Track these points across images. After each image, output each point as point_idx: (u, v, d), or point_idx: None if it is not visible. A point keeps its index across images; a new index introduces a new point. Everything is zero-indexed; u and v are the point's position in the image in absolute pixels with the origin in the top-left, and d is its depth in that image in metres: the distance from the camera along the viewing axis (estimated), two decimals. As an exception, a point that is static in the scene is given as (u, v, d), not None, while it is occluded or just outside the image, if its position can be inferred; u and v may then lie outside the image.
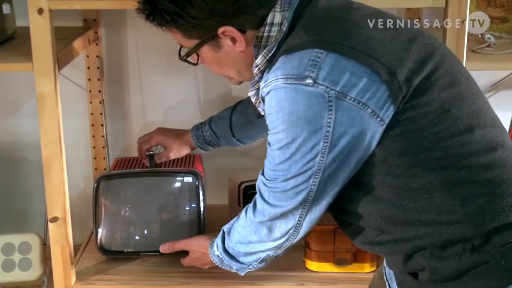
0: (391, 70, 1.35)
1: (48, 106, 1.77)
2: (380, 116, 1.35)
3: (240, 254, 1.65)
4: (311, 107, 1.34)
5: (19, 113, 2.43)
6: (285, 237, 1.53)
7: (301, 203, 1.45)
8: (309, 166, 1.40)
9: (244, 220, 1.60)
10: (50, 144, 1.80)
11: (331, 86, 1.33)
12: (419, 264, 1.45)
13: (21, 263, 2.05)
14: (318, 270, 1.97)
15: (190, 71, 2.38)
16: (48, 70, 1.75)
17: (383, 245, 1.49)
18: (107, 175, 2.03)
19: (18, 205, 2.51)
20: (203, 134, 2.07)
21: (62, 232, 1.87)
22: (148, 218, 2.03)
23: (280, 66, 1.38)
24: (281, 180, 1.44)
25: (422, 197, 1.40)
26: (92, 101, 2.37)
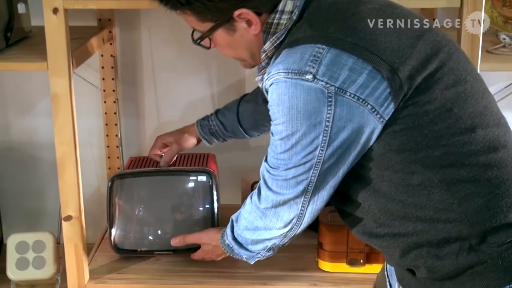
0: (393, 68, 1.34)
1: (63, 105, 1.78)
2: (380, 112, 1.36)
3: (248, 241, 1.65)
4: (310, 102, 1.35)
5: (33, 112, 2.43)
6: (289, 226, 1.54)
7: (302, 193, 1.46)
8: (308, 158, 1.41)
9: (250, 206, 1.60)
10: (64, 143, 1.80)
11: (331, 82, 1.34)
12: (415, 262, 1.45)
13: (35, 261, 2.04)
14: (331, 270, 1.97)
15: (204, 70, 2.38)
16: (62, 69, 1.75)
17: (380, 238, 1.49)
18: (121, 174, 2.03)
19: (32, 204, 2.51)
20: (208, 124, 2.07)
21: (76, 230, 1.87)
22: (162, 217, 2.03)
23: (282, 60, 1.38)
24: (283, 169, 1.45)
25: (421, 193, 1.40)
26: (106, 100, 2.37)
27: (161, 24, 2.34)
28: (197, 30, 1.57)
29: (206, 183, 2.00)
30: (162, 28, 2.35)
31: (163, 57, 2.38)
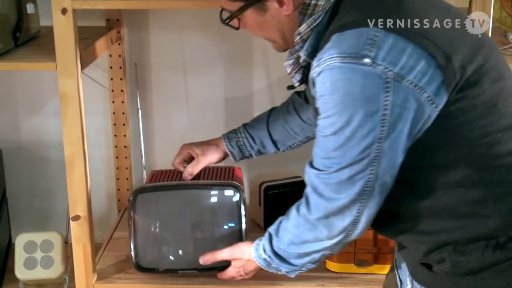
0: (447, 55, 1.29)
1: (71, 105, 1.77)
2: (436, 102, 1.30)
3: (292, 255, 1.57)
4: (367, 88, 1.28)
5: (42, 112, 2.43)
6: (342, 234, 1.45)
7: (358, 195, 1.37)
8: (366, 154, 1.32)
9: (297, 218, 1.51)
10: (72, 143, 1.80)
11: (390, 67, 1.27)
12: (439, 257, 1.42)
13: (43, 261, 2.05)
14: (338, 271, 1.96)
15: (213, 70, 2.38)
16: (71, 69, 1.75)
17: (407, 234, 1.47)
18: (144, 188, 1.93)
19: (41, 204, 2.52)
20: (236, 136, 1.96)
21: (84, 230, 1.87)
22: (187, 234, 1.91)
23: (335, 44, 1.31)
24: (335, 169, 1.36)
25: (458, 191, 1.37)
26: (114, 100, 2.37)
27: (169, 24, 2.34)
28: (226, 9, 1.51)
29: (233, 197, 1.89)
30: (170, 28, 2.35)
31: (171, 57, 2.38)
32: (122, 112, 2.37)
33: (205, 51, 2.36)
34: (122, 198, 2.45)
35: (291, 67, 1.53)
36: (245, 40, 2.33)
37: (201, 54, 2.36)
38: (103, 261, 2.05)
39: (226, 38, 2.34)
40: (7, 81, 2.40)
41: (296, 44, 1.47)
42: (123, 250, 2.04)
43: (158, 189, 1.93)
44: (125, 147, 2.40)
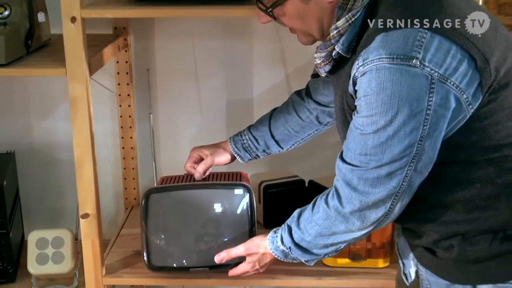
0: (486, 57, 1.29)
1: (80, 109, 1.79)
2: (472, 103, 1.30)
3: (317, 246, 1.54)
4: (414, 89, 1.26)
5: (53, 115, 2.45)
6: (373, 226, 1.44)
7: (394, 189, 1.36)
8: (407, 152, 1.31)
9: (327, 211, 1.48)
10: (82, 145, 1.81)
11: (435, 69, 1.26)
12: (448, 244, 1.44)
13: (54, 256, 2.06)
14: (334, 265, 1.98)
15: (216, 76, 2.40)
16: (80, 75, 1.76)
17: (419, 223, 1.48)
18: (155, 188, 1.93)
19: (52, 202, 2.53)
20: (241, 139, 1.96)
21: (93, 227, 1.88)
22: (198, 233, 1.91)
23: (383, 45, 1.28)
24: (374, 166, 1.35)
25: (474, 187, 1.38)
26: (121, 104, 2.38)
27: (174, 32, 2.36)
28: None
29: (243, 197, 1.88)
30: (174, 35, 2.36)
31: (176, 63, 2.40)
32: (128, 115, 2.39)
33: (209, 57, 2.38)
34: (129, 197, 2.48)
35: (322, 59, 1.50)
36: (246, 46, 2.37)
37: (205, 60, 2.38)
38: (111, 256, 2.08)
39: (229, 45, 2.37)
40: (20, 87, 2.42)
41: (332, 38, 1.43)
42: (130, 246, 2.06)
43: (170, 189, 1.92)
44: (132, 148, 2.43)
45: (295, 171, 2.30)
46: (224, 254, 1.79)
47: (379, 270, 1.97)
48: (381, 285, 1.96)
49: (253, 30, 2.35)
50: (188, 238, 1.91)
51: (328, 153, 2.40)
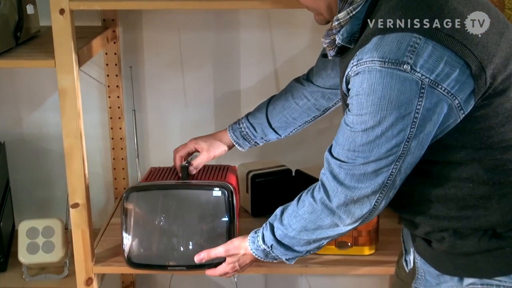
0: (482, 65, 1.28)
1: (69, 100, 1.77)
2: (464, 108, 1.30)
3: (299, 242, 1.55)
4: (403, 92, 1.27)
5: (42, 107, 2.43)
6: (358, 222, 1.45)
7: (380, 186, 1.37)
8: (393, 152, 1.33)
9: (313, 205, 1.48)
10: (71, 136, 1.80)
11: (426, 74, 1.26)
12: (440, 236, 1.45)
13: (44, 246, 2.05)
14: (320, 253, 1.95)
15: (203, 67, 2.38)
16: (69, 66, 1.75)
17: (412, 214, 1.49)
18: (136, 187, 1.90)
19: (42, 192, 2.51)
20: (239, 127, 1.95)
21: (83, 217, 1.87)
22: (176, 232, 1.88)
23: (377, 47, 1.29)
24: (361, 162, 1.36)
25: (466, 186, 1.38)
26: (110, 96, 2.36)
27: (161, 24, 2.34)
28: None
29: (222, 198, 1.84)
30: (162, 27, 2.35)
31: (164, 55, 2.38)
32: (118, 106, 2.37)
33: (196, 49, 2.37)
34: (118, 186, 2.46)
35: (327, 44, 1.50)
36: (234, 39, 2.35)
37: (192, 52, 2.37)
38: (101, 245, 2.06)
39: (217, 37, 2.35)
40: (9, 78, 2.40)
41: (334, 28, 1.44)
42: (120, 236, 2.05)
43: (150, 188, 1.90)
44: (121, 139, 2.41)
45: (283, 161, 2.29)
46: (204, 254, 1.76)
47: (365, 257, 1.96)
48: (367, 272, 1.96)
49: (241, 22, 2.33)
50: (166, 237, 1.89)
51: (314, 143, 2.40)
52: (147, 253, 1.91)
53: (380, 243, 1.99)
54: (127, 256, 1.89)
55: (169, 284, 2.56)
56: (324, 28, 1.53)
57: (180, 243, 1.88)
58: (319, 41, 1.55)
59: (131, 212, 1.87)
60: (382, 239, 2.00)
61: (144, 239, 1.90)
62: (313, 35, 2.31)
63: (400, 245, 1.69)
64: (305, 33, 2.31)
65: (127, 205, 1.86)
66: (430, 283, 1.53)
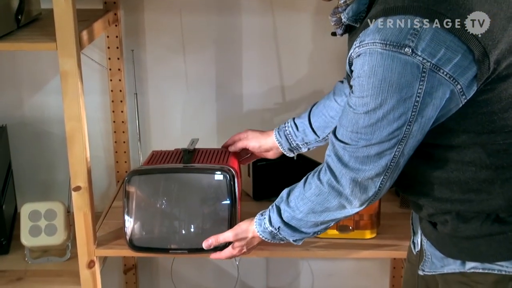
0: (486, 51, 1.27)
1: (71, 83, 1.76)
2: (465, 93, 1.30)
3: (307, 224, 1.56)
4: (404, 76, 1.27)
5: (44, 90, 2.42)
6: (366, 203, 1.46)
7: (383, 168, 1.38)
8: (395, 135, 1.33)
9: (320, 187, 1.49)
10: (73, 119, 1.79)
11: (428, 58, 1.25)
12: (443, 219, 1.45)
13: (47, 228, 2.05)
14: (322, 236, 1.93)
15: (205, 50, 2.37)
16: (70, 49, 1.74)
17: (415, 195, 1.49)
18: (138, 170, 1.88)
19: (44, 176, 2.51)
20: (284, 126, 1.93)
21: (85, 200, 1.87)
22: (178, 216, 1.88)
23: (379, 29, 1.28)
24: (363, 144, 1.36)
25: (469, 170, 1.38)
26: (112, 79, 2.36)
27: (163, 6, 2.33)
28: None
29: (224, 182, 1.83)
30: (164, 10, 2.33)
31: (165, 37, 2.37)
32: (119, 89, 2.36)
33: (199, 32, 2.35)
34: (120, 170, 2.46)
35: (334, 22, 1.50)
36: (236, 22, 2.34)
37: (194, 35, 2.35)
38: (103, 228, 2.06)
39: (219, 20, 2.33)
40: (10, 61, 2.39)
41: (340, 7, 1.44)
42: (122, 219, 2.05)
43: (152, 172, 1.89)
44: (123, 122, 2.40)
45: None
46: (212, 240, 1.76)
47: (366, 241, 1.96)
48: (368, 255, 1.96)
49: (243, 5, 2.31)
50: (168, 221, 1.89)
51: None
52: (148, 236, 1.91)
53: (381, 227, 1.99)
54: (129, 239, 1.89)
55: (171, 267, 2.57)
56: (327, 11, 1.52)
57: (181, 226, 1.88)
58: (321, 25, 1.55)
59: (133, 196, 1.87)
60: (383, 223, 2.00)
61: (146, 223, 1.90)
62: (315, 19, 2.29)
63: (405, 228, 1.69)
64: (307, 16, 2.30)
65: (129, 188, 1.86)
66: (435, 266, 1.53)
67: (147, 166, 1.92)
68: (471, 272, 1.45)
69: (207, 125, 2.43)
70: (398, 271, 2.56)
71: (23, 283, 2.00)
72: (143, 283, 2.69)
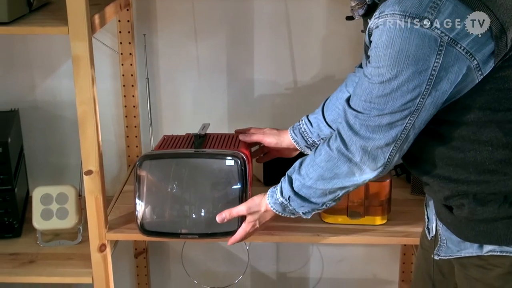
0: (504, 27, 1.28)
1: (83, 67, 1.76)
2: (482, 70, 1.30)
3: (316, 193, 1.57)
4: (422, 48, 1.28)
5: (56, 73, 2.42)
6: (374, 173, 1.48)
7: (393, 139, 1.40)
8: (408, 106, 1.34)
9: (329, 153, 1.51)
10: (84, 103, 1.79)
11: (446, 32, 1.26)
12: (459, 202, 1.45)
13: (58, 212, 2.06)
14: (332, 222, 1.97)
15: (217, 35, 2.36)
16: (82, 33, 1.74)
17: (431, 177, 1.49)
18: (150, 155, 1.89)
19: (56, 159, 2.52)
20: (299, 124, 1.94)
21: (96, 184, 1.87)
22: (189, 201, 1.88)
23: (399, 1, 1.29)
24: (376, 114, 1.38)
25: (485, 149, 1.38)
26: (123, 63, 2.36)
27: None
28: None
29: (235, 167, 1.83)
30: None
31: (176, 22, 2.36)
32: (131, 74, 2.36)
33: (211, 17, 2.35)
34: (131, 154, 2.46)
35: (356, 2, 1.51)
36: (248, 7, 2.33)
37: (206, 20, 2.34)
38: (114, 212, 2.07)
39: (231, 5, 2.32)
40: (23, 45, 2.39)
41: None
42: (133, 203, 2.05)
43: (163, 156, 1.89)
44: (134, 106, 2.40)
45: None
46: (226, 213, 1.77)
47: (376, 227, 1.96)
48: (378, 242, 1.96)
49: (254, -10, 2.31)
50: (179, 205, 1.89)
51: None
52: (159, 221, 1.91)
53: (392, 213, 1.98)
54: (140, 223, 1.89)
55: (181, 252, 2.58)
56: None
57: (192, 211, 1.88)
58: (335, 9, 1.54)
59: (144, 180, 1.87)
60: (394, 209, 2.00)
61: (156, 207, 1.90)
62: (328, 2, 2.28)
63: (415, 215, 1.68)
64: (320, 0, 2.29)
65: (140, 172, 1.86)
66: (451, 250, 1.53)
67: (158, 151, 1.92)
68: (489, 255, 1.45)
69: (218, 110, 2.43)
70: (408, 258, 2.56)
71: (35, 266, 2.01)
72: (153, 267, 2.70)
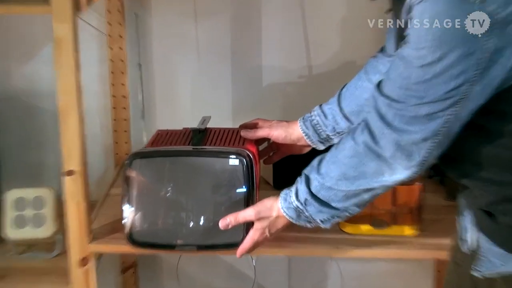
0: None
1: (66, 51, 1.76)
2: None
3: (337, 196, 1.55)
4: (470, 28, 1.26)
5: (35, 59, 2.43)
6: (405, 174, 1.46)
7: (432, 133, 1.38)
8: (451, 95, 1.32)
9: (354, 148, 1.49)
10: (67, 92, 1.79)
11: (499, 10, 1.25)
12: (504, 209, 1.45)
13: (34, 219, 2.05)
14: (353, 232, 1.96)
15: (220, 15, 2.37)
16: (66, 13, 1.73)
17: (471, 179, 1.49)
18: (141, 152, 1.87)
19: (32, 157, 2.53)
20: (310, 115, 1.91)
21: (78, 186, 1.86)
22: (186, 206, 1.85)
23: None
24: (414, 103, 1.36)
25: None
26: (112, 47, 2.36)
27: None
28: None
29: (240, 167, 1.80)
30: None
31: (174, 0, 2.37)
32: (120, 59, 2.37)
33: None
34: (119, 152, 2.47)
35: None
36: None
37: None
38: (99, 220, 2.06)
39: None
40: (-3, 26, 2.40)
41: None
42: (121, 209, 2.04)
43: (156, 154, 1.88)
44: (123, 97, 2.41)
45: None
46: (231, 218, 1.75)
47: (405, 239, 1.95)
48: (407, 255, 1.96)
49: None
50: (174, 212, 1.88)
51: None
52: (151, 230, 1.90)
53: (423, 223, 1.98)
54: (129, 233, 1.88)
55: (176, 266, 2.58)
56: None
57: (190, 219, 1.87)
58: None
59: (134, 182, 1.86)
60: (426, 218, 1.99)
61: (148, 214, 1.89)
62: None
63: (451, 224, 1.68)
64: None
65: (130, 173, 1.85)
66: (494, 264, 1.51)
67: (151, 148, 1.92)
68: None
69: (220, 101, 2.44)
70: (443, 275, 2.56)
71: (5, 282, 2.01)
72: (143, 284, 2.71)
